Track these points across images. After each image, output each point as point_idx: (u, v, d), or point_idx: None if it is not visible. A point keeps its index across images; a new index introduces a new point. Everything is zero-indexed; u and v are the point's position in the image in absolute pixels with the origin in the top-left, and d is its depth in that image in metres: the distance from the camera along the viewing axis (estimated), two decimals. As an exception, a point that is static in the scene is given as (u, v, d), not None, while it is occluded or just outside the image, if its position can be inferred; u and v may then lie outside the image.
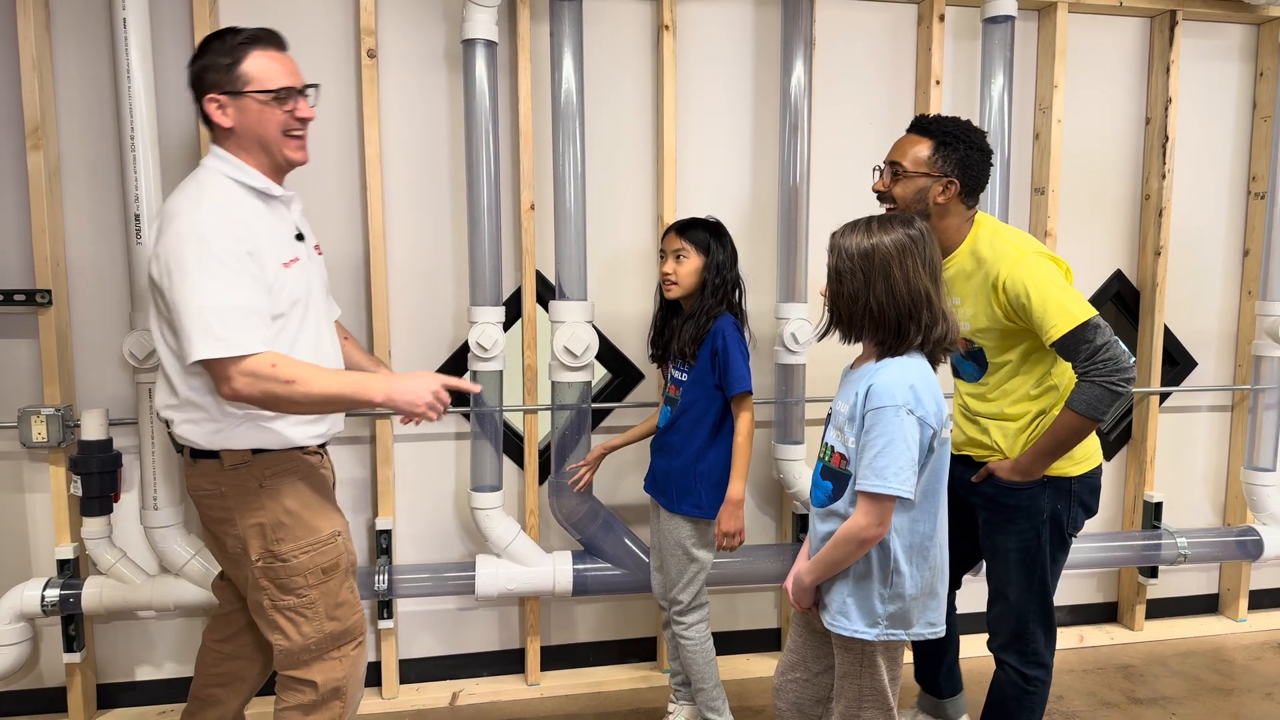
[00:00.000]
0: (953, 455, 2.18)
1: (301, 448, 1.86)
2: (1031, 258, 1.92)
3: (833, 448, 1.71)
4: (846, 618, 1.67)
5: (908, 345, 1.62)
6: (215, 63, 1.78)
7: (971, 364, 2.11)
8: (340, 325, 2.21)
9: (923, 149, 1.98)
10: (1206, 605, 3.42)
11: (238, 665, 2.05)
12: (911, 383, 1.59)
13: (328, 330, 1.96)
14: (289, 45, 1.91)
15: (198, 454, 1.83)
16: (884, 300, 1.60)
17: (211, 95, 1.78)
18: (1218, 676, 2.95)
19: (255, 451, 1.80)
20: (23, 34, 2.33)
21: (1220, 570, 3.40)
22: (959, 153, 1.96)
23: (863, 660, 1.69)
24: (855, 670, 1.70)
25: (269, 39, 1.84)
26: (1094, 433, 2.02)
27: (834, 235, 1.68)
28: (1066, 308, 1.85)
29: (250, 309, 1.69)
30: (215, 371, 1.69)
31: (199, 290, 1.66)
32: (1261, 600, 3.43)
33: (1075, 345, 1.85)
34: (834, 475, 1.69)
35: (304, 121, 1.86)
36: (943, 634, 1.72)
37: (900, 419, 1.56)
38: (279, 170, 1.88)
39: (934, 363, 1.67)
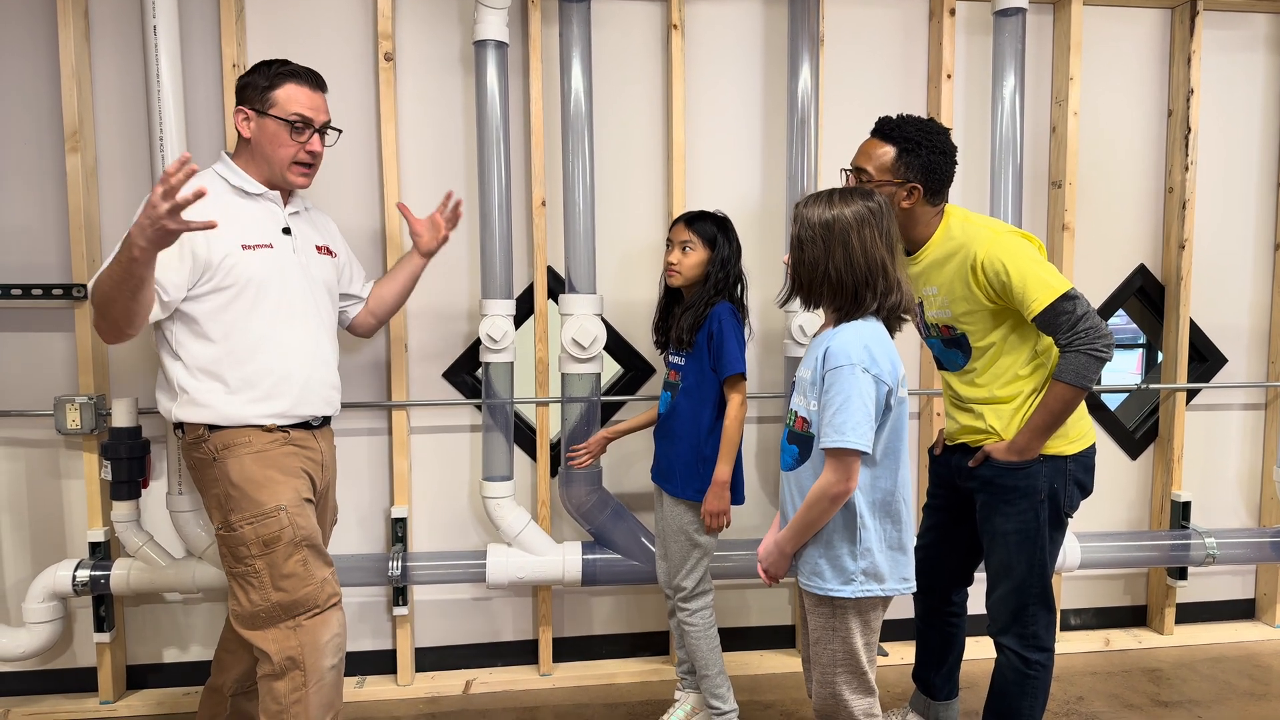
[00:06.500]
0: (947, 445, 2.19)
1: (259, 425, 1.96)
2: (1005, 236, 1.96)
3: (796, 413, 1.76)
4: (821, 577, 1.71)
5: (863, 311, 1.68)
6: (255, 82, 2.02)
7: (956, 351, 2.11)
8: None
9: (886, 155, 1.99)
10: (1242, 610, 3.31)
11: None
12: (866, 343, 1.65)
13: (300, 322, 2.04)
14: (327, 88, 2.12)
15: (179, 430, 2.00)
16: (842, 268, 1.66)
17: (241, 108, 2.01)
18: (1250, 682, 2.85)
19: (211, 428, 1.94)
20: (63, 43, 2.48)
21: (1256, 574, 3.29)
22: (921, 158, 1.96)
23: (834, 621, 1.71)
24: (828, 635, 1.72)
25: (307, 76, 2.05)
26: (1086, 412, 2.06)
27: (797, 205, 1.74)
28: (1045, 281, 1.88)
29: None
30: None
31: None
32: (1302, 606, 3.31)
33: (1056, 318, 1.88)
34: (799, 439, 1.75)
35: (312, 154, 2.05)
36: (914, 590, 1.75)
37: (856, 376, 1.61)
38: (275, 186, 2.07)
39: (891, 330, 1.73)
